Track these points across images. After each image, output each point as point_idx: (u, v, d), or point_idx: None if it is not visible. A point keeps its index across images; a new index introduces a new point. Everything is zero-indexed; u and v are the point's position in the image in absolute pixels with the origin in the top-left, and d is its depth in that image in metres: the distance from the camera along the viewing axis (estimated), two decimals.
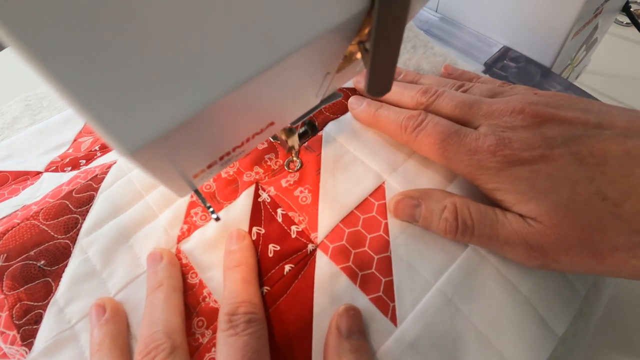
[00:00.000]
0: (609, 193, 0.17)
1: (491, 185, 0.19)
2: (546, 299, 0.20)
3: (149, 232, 0.23)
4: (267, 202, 0.24)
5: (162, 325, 0.18)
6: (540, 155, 0.18)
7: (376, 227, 0.22)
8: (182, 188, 0.15)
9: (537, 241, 0.18)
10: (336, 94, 0.20)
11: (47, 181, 0.27)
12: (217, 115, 0.11)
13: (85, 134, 0.31)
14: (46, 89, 0.34)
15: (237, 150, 0.15)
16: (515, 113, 0.20)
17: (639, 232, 0.16)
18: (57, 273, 0.22)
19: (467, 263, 0.21)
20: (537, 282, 0.21)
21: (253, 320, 0.18)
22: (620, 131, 0.18)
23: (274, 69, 0.10)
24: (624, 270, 0.17)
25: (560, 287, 0.21)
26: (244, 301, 0.18)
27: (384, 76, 0.13)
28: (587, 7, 0.28)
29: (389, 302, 0.20)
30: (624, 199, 0.16)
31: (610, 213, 0.16)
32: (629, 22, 0.47)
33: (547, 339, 0.20)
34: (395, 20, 0.11)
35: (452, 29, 0.36)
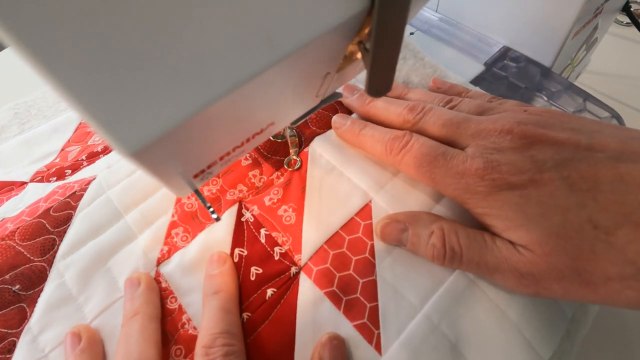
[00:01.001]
0: (601, 221, 0.16)
1: (480, 209, 0.19)
2: (534, 323, 0.20)
3: (128, 255, 0.22)
4: (251, 222, 0.23)
5: (135, 358, 0.17)
6: (529, 179, 0.17)
7: (362, 249, 0.22)
8: (182, 188, 0.15)
9: (527, 269, 0.17)
10: (336, 94, 0.20)
11: (31, 192, 0.26)
12: (218, 115, 0.11)
13: (73, 143, 0.30)
14: (35, 97, 0.34)
15: (237, 150, 0.15)
16: (504, 133, 0.19)
17: (632, 262, 0.15)
18: (32, 298, 0.21)
19: (455, 287, 0.20)
20: (525, 306, 0.20)
21: (231, 353, 0.17)
22: (612, 154, 0.17)
23: (274, 69, 0.10)
24: (618, 300, 0.16)
25: (548, 311, 0.20)
26: (222, 332, 0.18)
27: (384, 76, 0.13)
28: (587, 7, 0.28)
29: (374, 330, 0.19)
30: (617, 228, 0.16)
31: (602, 242, 0.16)
32: (629, 22, 0.47)
33: None
34: (395, 20, 0.11)
35: (452, 29, 0.36)
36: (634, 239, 0.15)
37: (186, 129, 0.10)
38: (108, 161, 0.26)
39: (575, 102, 0.30)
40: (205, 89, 0.10)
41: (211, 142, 0.13)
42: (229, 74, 0.10)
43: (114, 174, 0.25)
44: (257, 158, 0.25)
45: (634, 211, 0.15)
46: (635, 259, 0.15)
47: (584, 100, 0.30)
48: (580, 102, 0.30)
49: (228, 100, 0.10)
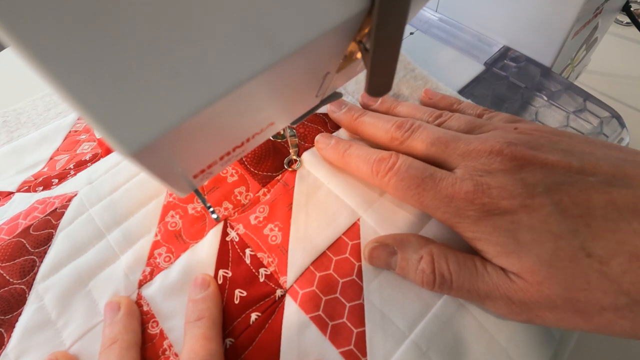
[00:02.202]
0: (594, 249, 0.15)
1: (470, 234, 0.18)
2: (522, 347, 0.19)
3: (109, 276, 0.22)
4: (236, 242, 0.22)
5: None
6: (520, 204, 0.17)
7: (349, 271, 0.21)
8: (182, 188, 0.15)
9: (519, 297, 0.17)
10: (336, 94, 0.20)
11: (17, 202, 0.26)
12: (218, 115, 0.11)
13: (62, 152, 0.29)
14: (24, 105, 0.33)
15: (237, 150, 0.15)
16: (494, 154, 0.18)
17: (627, 292, 0.15)
18: (10, 323, 0.20)
19: (444, 312, 0.20)
20: (515, 330, 0.19)
21: None
22: (604, 178, 0.16)
23: (274, 69, 0.10)
24: (612, 330, 0.16)
25: (536, 334, 0.20)
26: None
27: (384, 76, 0.13)
28: (587, 6, 0.28)
29: (361, 357, 0.19)
30: (611, 257, 0.15)
31: (596, 271, 0.15)
32: (629, 22, 0.47)
33: None
34: (395, 20, 0.11)
35: (452, 29, 0.35)
36: (628, 269, 0.15)
37: (186, 129, 0.10)
38: (89, 176, 0.26)
39: (575, 102, 0.30)
40: (205, 89, 0.10)
41: (211, 142, 0.13)
42: (229, 74, 0.10)
43: (95, 190, 0.25)
44: (243, 174, 0.25)
45: (628, 240, 0.15)
46: (630, 290, 0.15)
47: (584, 100, 0.30)
48: (580, 102, 0.30)
49: (228, 100, 0.10)
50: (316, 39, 0.11)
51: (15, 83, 0.36)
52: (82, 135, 0.30)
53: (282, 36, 0.10)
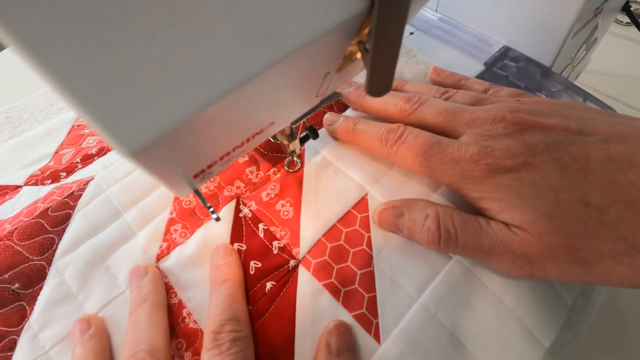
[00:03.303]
0: (593, 200, 0.16)
1: (475, 194, 0.19)
2: (531, 310, 0.20)
3: (127, 252, 0.22)
4: (249, 218, 0.23)
5: (145, 344, 0.18)
6: (522, 162, 0.18)
7: (359, 241, 0.22)
8: (182, 188, 0.15)
9: (522, 250, 0.17)
10: (336, 93, 0.20)
11: (25, 195, 0.26)
12: (218, 115, 0.11)
13: (66, 146, 0.30)
14: (26, 101, 0.33)
15: (238, 150, 0.15)
16: (497, 121, 0.20)
17: (624, 238, 0.16)
18: (31, 296, 0.21)
19: (451, 276, 0.20)
20: (522, 293, 0.20)
21: (238, 339, 0.17)
22: (602, 137, 0.18)
23: (274, 69, 0.10)
24: (611, 278, 0.17)
25: (546, 298, 0.21)
26: (229, 319, 0.18)
27: (384, 76, 0.13)
28: (587, 6, 0.28)
29: (372, 319, 0.20)
30: (609, 206, 0.16)
31: (595, 220, 0.16)
32: (629, 22, 0.46)
33: (534, 351, 0.19)
34: (395, 20, 0.11)
35: (452, 28, 0.35)
36: (625, 216, 0.16)
37: (186, 129, 0.10)
38: (105, 162, 0.27)
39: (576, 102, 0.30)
40: (205, 89, 0.10)
41: (211, 142, 0.13)
42: (229, 74, 0.10)
43: (111, 173, 0.26)
44: (254, 155, 0.26)
45: (624, 189, 0.16)
46: (627, 236, 0.16)
47: (584, 99, 0.30)
48: (580, 102, 0.30)
49: (228, 100, 0.10)
50: (316, 39, 0.11)
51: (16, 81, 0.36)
52: (86, 130, 0.31)
53: (282, 36, 0.10)
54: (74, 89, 0.08)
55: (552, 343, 0.20)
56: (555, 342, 0.20)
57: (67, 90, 0.08)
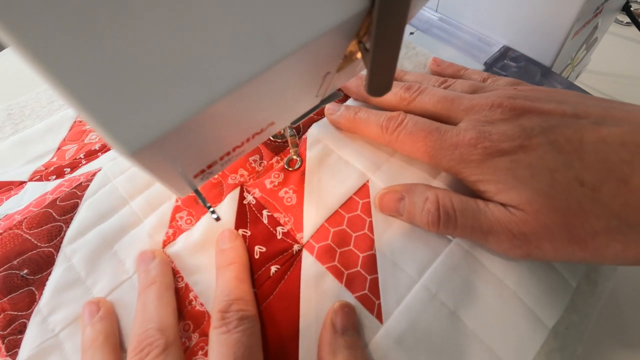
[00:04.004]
0: (586, 178, 0.17)
1: (474, 177, 0.20)
2: (534, 291, 0.20)
3: (134, 238, 0.23)
4: (252, 204, 0.24)
5: (155, 322, 0.18)
6: (519, 145, 0.18)
7: (361, 226, 0.22)
8: (182, 188, 0.15)
9: (519, 229, 0.18)
10: (336, 93, 0.20)
11: (30, 190, 0.26)
12: (218, 115, 0.11)
13: (69, 142, 0.30)
14: (28, 98, 0.33)
15: (238, 150, 0.15)
16: (495, 107, 0.20)
17: (617, 215, 0.16)
18: (40, 281, 0.21)
19: (451, 258, 0.21)
20: (523, 275, 0.21)
21: (245, 317, 0.18)
22: (595, 119, 0.18)
23: (274, 69, 0.10)
24: (605, 255, 0.17)
25: (548, 279, 0.21)
26: (237, 298, 0.18)
27: (384, 76, 0.13)
28: (587, 6, 0.28)
29: (375, 300, 0.20)
30: (602, 184, 0.17)
31: (589, 198, 0.17)
32: (629, 22, 0.46)
33: (537, 331, 0.20)
34: (395, 20, 0.11)
35: (452, 28, 0.36)
36: (618, 193, 0.16)
37: (186, 129, 0.10)
38: (112, 154, 0.27)
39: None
40: (205, 89, 0.10)
41: (211, 142, 0.13)
42: (229, 74, 0.10)
43: (119, 165, 0.26)
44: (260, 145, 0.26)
45: (617, 168, 0.16)
46: (619, 212, 0.16)
47: None
48: None
49: (228, 100, 0.10)
50: (316, 39, 0.11)
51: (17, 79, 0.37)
52: (88, 125, 0.31)
53: (282, 36, 0.10)
54: (74, 89, 0.09)
55: (557, 324, 0.20)
56: (559, 323, 0.20)
57: (66, 90, 0.08)
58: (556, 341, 0.20)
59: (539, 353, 0.19)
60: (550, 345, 0.20)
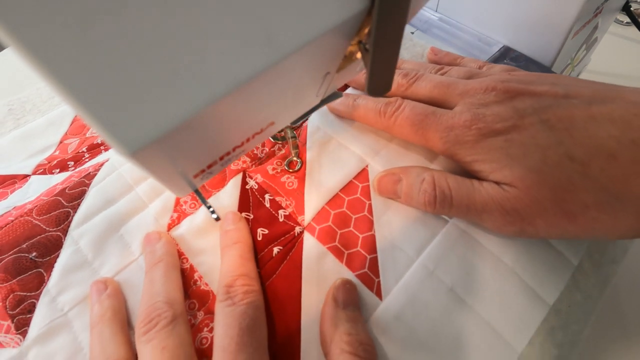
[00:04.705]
0: (576, 154, 0.17)
1: (469, 157, 0.20)
2: (530, 267, 0.21)
3: (139, 222, 0.23)
4: (255, 189, 0.24)
5: (162, 296, 0.19)
6: (512, 125, 0.19)
7: (360, 208, 0.23)
8: (182, 188, 0.15)
9: (512, 205, 0.19)
10: (336, 93, 0.20)
11: (35, 184, 0.27)
12: (218, 115, 0.11)
13: (70, 136, 0.30)
14: (29, 94, 0.34)
15: (237, 150, 0.15)
16: (489, 90, 0.21)
17: (606, 188, 0.17)
18: (49, 264, 0.22)
19: (448, 237, 0.22)
20: (520, 252, 0.21)
21: (250, 292, 0.18)
22: (585, 99, 0.19)
23: (274, 69, 0.10)
24: (596, 228, 0.18)
25: (546, 257, 0.21)
26: (241, 274, 0.19)
27: (384, 76, 0.13)
28: (587, 6, 0.28)
29: (374, 278, 0.21)
30: (591, 159, 0.17)
31: (578, 173, 0.17)
32: (629, 22, 0.46)
33: (537, 307, 0.20)
34: (395, 20, 0.11)
35: (452, 28, 0.36)
36: (606, 167, 0.17)
37: (186, 129, 0.10)
38: None
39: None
40: (205, 89, 0.10)
41: (211, 142, 0.13)
42: (229, 74, 0.10)
43: None
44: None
45: (605, 143, 0.17)
46: (608, 186, 0.17)
47: None
48: None
49: (228, 100, 0.10)
50: (316, 39, 0.11)
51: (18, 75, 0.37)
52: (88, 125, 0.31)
53: (282, 36, 0.10)
54: (74, 89, 0.08)
55: (558, 302, 0.20)
56: (561, 301, 0.20)
57: (66, 90, 0.08)
58: (558, 319, 0.20)
59: (540, 329, 0.20)
60: (552, 323, 0.20)
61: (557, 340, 0.20)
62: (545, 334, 0.20)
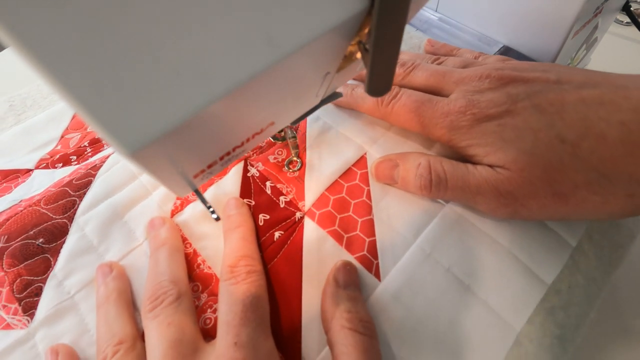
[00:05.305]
0: (567, 136, 0.18)
1: (464, 142, 0.21)
2: (527, 248, 0.21)
3: (143, 209, 0.24)
4: (256, 177, 0.25)
5: (167, 276, 0.19)
6: (505, 110, 0.20)
7: (359, 194, 0.24)
8: (182, 188, 0.15)
9: (505, 187, 0.19)
10: (336, 93, 0.20)
11: (38, 178, 0.27)
12: (218, 115, 0.11)
13: (72, 131, 0.31)
14: (29, 90, 0.34)
15: (237, 150, 0.15)
16: (483, 78, 0.21)
17: (595, 168, 0.18)
18: (55, 249, 0.23)
19: (445, 221, 0.22)
20: (515, 233, 0.22)
21: (253, 271, 0.19)
22: (576, 84, 0.19)
23: (274, 69, 0.10)
24: (586, 208, 0.18)
25: (542, 238, 0.22)
26: (244, 255, 0.20)
27: (384, 76, 0.13)
28: (587, 6, 0.28)
29: (373, 260, 0.21)
30: (581, 140, 0.18)
31: (569, 154, 0.18)
32: (629, 22, 0.46)
33: (535, 286, 0.20)
34: (395, 20, 0.11)
35: (452, 28, 0.36)
36: (596, 148, 0.17)
37: (186, 129, 0.10)
38: None
39: None
40: (205, 89, 0.10)
41: (211, 142, 0.13)
42: (229, 74, 0.10)
43: None
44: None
45: (595, 124, 0.18)
46: (598, 166, 0.17)
47: None
48: None
49: (228, 100, 0.10)
50: (316, 39, 0.11)
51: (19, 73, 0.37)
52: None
53: (282, 36, 0.10)
54: (73, 89, 0.09)
55: (558, 282, 0.21)
56: (560, 281, 0.21)
57: (66, 90, 0.08)
58: (558, 299, 0.20)
59: (540, 308, 0.20)
60: (552, 302, 0.20)
61: (559, 321, 0.20)
62: (546, 314, 0.20)
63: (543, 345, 0.19)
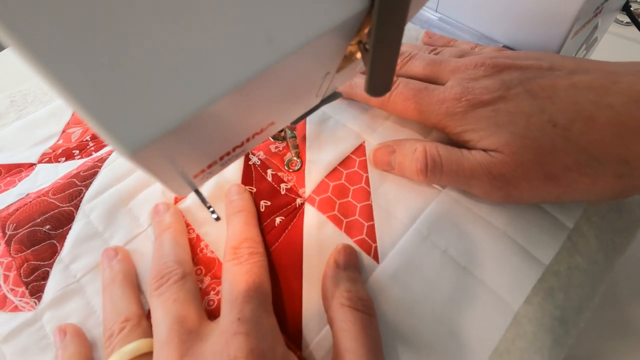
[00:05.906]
0: (559, 120, 0.19)
1: (459, 128, 0.21)
2: (523, 230, 0.22)
3: (147, 196, 0.25)
4: (257, 165, 0.25)
5: (172, 257, 0.20)
6: (499, 96, 0.20)
7: (358, 180, 0.24)
8: (182, 188, 0.15)
9: (498, 170, 0.20)
10: (336, 93, 0.20)
11: (42, 172, 0.28)
12: (218, 115, 0.11)
13: (73, 125, 0.31)
14: (30, 86, 0.34)
15: (238, 150, 0.15)
16: (478, 66, 0.22)
17: (585, 150, 0.18)
18: (61, 235, 0.23)
19: (441, 206, 0.23)
20: (510, 216, 0.22)
21: (255, 253, 0.20)
22: (568, 70, 0.20)
23: (274, 69, 0.10)
24: (577, 189, 0.19)
25: (538, 220, 0.22)
26: (247, 238, 0.20)
27: (384, 76, 0.13)
28: (587, 6, 0.28)
29: (372, 243, 0.22)
30: (572, 123, 0.18)
31: (560, 137, 0.19)
32: (629, 22, 0.47)
33: (532, 266, 0.21)
34: (395, 20, 0.11)
35: (452, 28, 0.36)
36: (586, 130, 0.18)
37: (186, 129, 0.10)
38: None
39: None
40: (205, 89, 0.10)
41: (211, 142, 0.13)
42: (229, 74, 0.10)
43: None
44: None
45: (585, 108, 0.18)
46: (587, 147, 0.18)
47: None
48: None
49: (228, 100, 0.10)
50: (316, 39, 0.11)
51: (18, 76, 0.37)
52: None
53: (282, 36, 0.10)
54: (73, 89, 0.08)
55: (556, 263, 0.21)
56: (559, 263, 0.21)
57: (66, 90, 0.08)
58: (557, 280, 0.21)
59: (539, 289, 0.20)
60: (551, 283, 0.21)
61: (559, 302, 0.20)
62: (544, 294, 0.20)
63: (543, 325, 0.20)
